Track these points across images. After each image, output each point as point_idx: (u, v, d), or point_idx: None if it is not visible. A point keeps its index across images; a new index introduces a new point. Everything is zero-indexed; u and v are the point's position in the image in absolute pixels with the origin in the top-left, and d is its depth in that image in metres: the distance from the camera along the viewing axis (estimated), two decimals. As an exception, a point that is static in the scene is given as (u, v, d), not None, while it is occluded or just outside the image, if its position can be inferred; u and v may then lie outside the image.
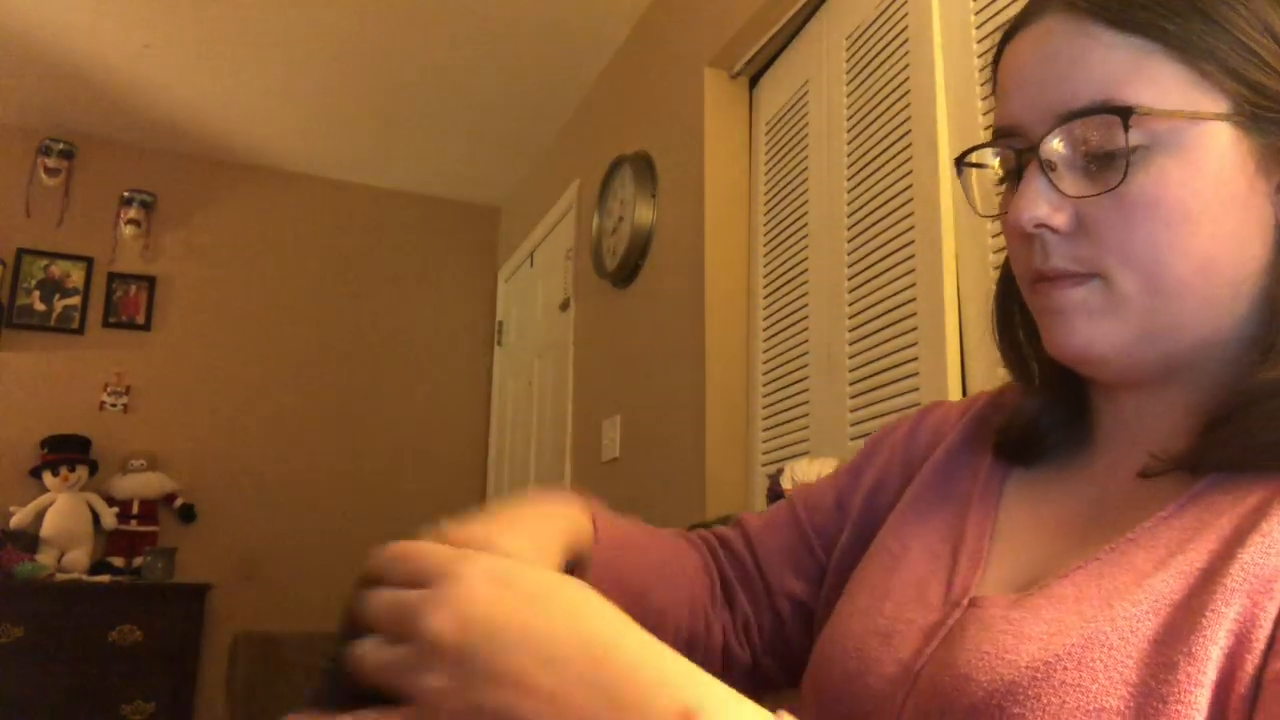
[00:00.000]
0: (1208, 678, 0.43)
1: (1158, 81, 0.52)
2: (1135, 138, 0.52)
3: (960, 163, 0.63)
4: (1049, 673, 0.47)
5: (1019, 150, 0.57)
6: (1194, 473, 0.52)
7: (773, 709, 0.41)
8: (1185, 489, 0.52)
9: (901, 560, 0.64)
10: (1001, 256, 0.85)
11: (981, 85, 1.67)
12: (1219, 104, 0.52)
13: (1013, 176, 0.58)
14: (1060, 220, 0.55)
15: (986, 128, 1.48)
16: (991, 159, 0.61)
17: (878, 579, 0.65)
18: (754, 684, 0.75)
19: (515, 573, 0.44)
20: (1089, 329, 0.55)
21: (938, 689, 0.52)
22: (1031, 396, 0.64)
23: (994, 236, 1.60)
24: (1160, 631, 0.46)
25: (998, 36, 0.62)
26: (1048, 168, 0.55)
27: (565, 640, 0.41)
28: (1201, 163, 0.52)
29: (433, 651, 0.41)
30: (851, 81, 2.07)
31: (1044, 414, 0.64)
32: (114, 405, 3.75)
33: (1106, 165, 0.53)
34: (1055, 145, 0.55)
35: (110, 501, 3.61)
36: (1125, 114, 0.51)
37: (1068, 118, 0.54)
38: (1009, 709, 0.47)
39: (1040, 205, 0.54)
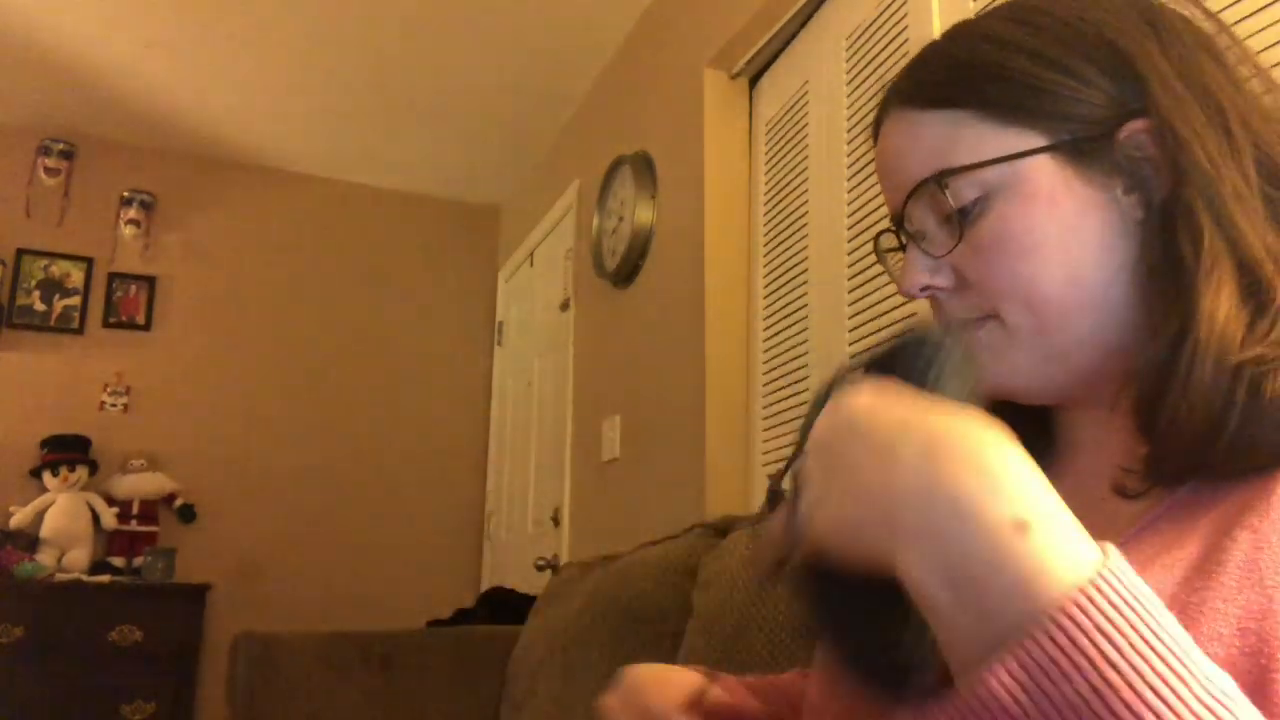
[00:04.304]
0: None
1: (972, 141, 0.58)
2: (970, 191, 0.58)
3: (877, 250, 0.70)
4: None
5: (896, 232, 0.65)
6: (1170, 486, 0.53)
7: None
8: (1167, 495, 0.52)
9: None
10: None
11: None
12: (1036, 140, 0.57)
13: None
14: (942, 280, 0.61)
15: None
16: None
17: None
18: None
19: (898, 398, 0.46)
20: (998, 365, 0.59)
21: None
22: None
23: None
24: None
25: None
26: (918, 238, 0.62)
27: (911, 441, 0.43)
28: (1032, 194, 0.57)
29: (812, 449, 0.48)
30: (851, 81, 2.07)
31: None
32: (114, 405, 3.75)
33: (958, 223, 0.59)
34: (914, 219, 0.62)
35: (110, 501, 3.60)
36: (939, 178, 0.59)
37: (910, 195, 0.61)
38: None
39: (919, 274, 0.61)
